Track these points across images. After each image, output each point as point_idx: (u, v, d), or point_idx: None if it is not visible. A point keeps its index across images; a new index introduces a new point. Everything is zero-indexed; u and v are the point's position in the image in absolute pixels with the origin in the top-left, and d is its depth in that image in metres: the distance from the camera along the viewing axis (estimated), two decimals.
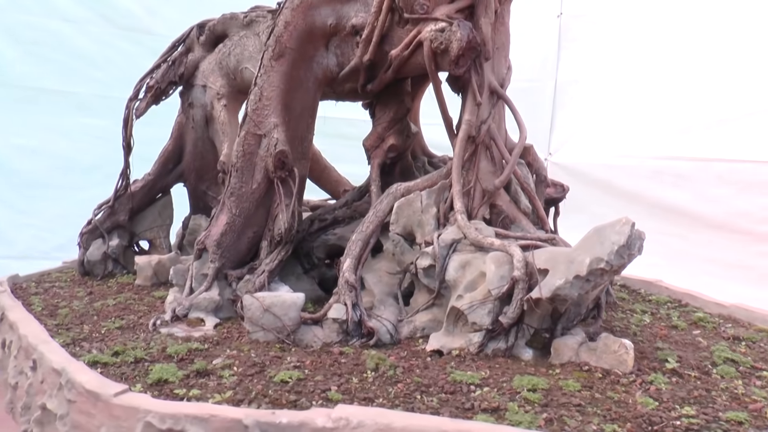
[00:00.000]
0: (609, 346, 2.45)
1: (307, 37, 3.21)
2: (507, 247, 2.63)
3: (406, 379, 2.36)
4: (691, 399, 2.20)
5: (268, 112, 3.24)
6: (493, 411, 2.09)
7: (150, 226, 4.48)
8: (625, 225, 2.38)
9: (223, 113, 4.14)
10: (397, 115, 3.37)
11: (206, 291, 3.24)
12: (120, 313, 3.34)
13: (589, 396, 2.21)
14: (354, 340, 2.79)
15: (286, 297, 2.85)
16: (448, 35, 2.84)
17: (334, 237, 3.52)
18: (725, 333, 2.92)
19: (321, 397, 2.22)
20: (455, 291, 2.78)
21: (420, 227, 3.01)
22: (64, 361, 2.40)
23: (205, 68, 4.25)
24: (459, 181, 2.96)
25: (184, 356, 2.64)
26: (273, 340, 2.82)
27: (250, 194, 3.30)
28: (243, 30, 4.08)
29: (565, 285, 2.41)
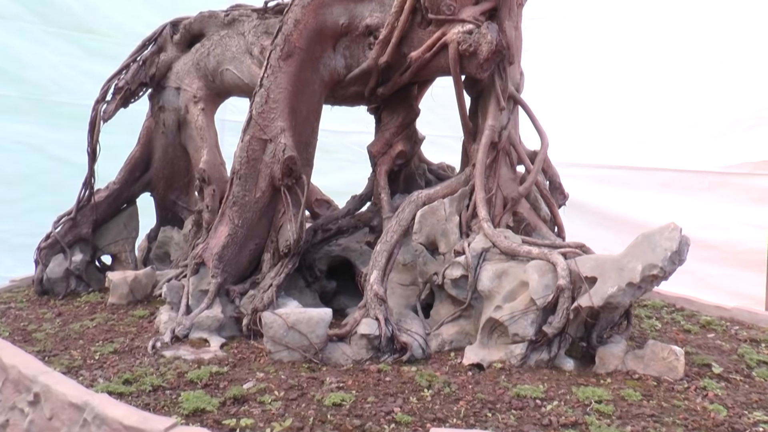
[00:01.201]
0: (657, 354, 2.43)
1: (316, 36, 3.04)
2: (548, 255, 2.57)
3: (466, 396, 2.24)
4: (753, 404, 2.21)
5: (274, 116, 3.04)
6: (573, 426, 2.01)
7: (115, 239, 4.12)
8: (674, 231, 2.38)
9: (200, 117, 3.88)
10: (405, 120, 3.26)
11: (207, 309, 2.99)
12: (107, 336, 3.03)
13: (657, 405, 2.17)
14: (386, 356, 2.64)
15: (312, 313, 2.66)
16: (477, 37, 2.76)
17: (339, 248, 3.36)
18: (739, 335, 2.98)
19: (386, 420, 2.07)
20: (491, 301, 2.69)
21: (444, 236, 2.90)
22: (83, 394, 2.12)
23: (179, 69, 3.98)
24: (482, 188, 2.89)
25: (208, 381, 2.42)
26: (299, 360, 2.63)
27: (254, 203, 3.09)
28: (223, 29, 3.84)
29: (618, 292, 2.38)
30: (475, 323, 2.80)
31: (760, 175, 5.83)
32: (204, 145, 3.83)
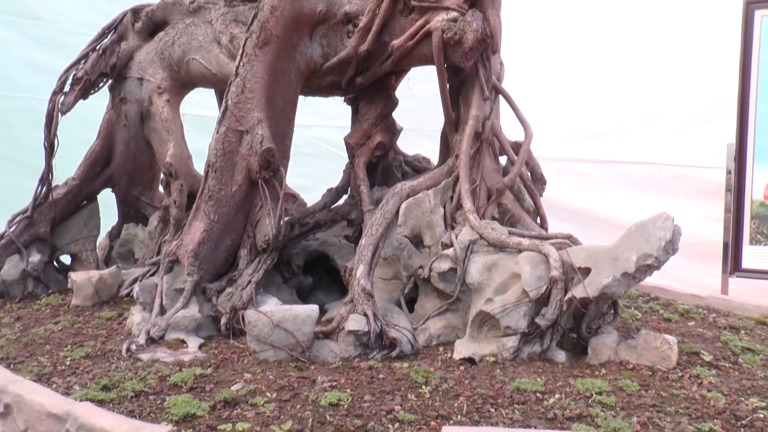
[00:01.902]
0: (650, 343, 2.43)
1: (293, 24, 2.94)
2: (539, 247, 2.54)
3: (464, 392, 2.19)
4: (747, 390, 2.23)
5: (251, 106, 2.92)
6: (579, 419, 1.98)
7: (75, 238, 3.92)
8: (667, 220, 2.38)
9: (165, 109, 3.72)
10: (384, 111, 3.18)
11: (183, 308, 2.86)
12: (75, 340, 2.86)
13: (656, 395, 2.17)
14: (375, 352, 2.57)
15: (298, 310, 2.56)
16: (462, 25, 2.70)
17: (317, 242, 3.26)
18: (718, 323, 3.03)
19: (389, 419, 2.00)
20: (480, 294, 2.65)
21: (429, 229, 2.84)
22: (63, 403, 1.98)
23: (141, 59, 3.80)
24: (467, 180, 2.84)
25: (193, 385, 2.30)
26: (285, 359, 2.53)
27: (230, 197, 2.96)
28: (189, 17, 3.68)
29: (613, 282, 2.36)
30: (462, 317, 2.76)
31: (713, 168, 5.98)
32: (170, 138, 3.67)
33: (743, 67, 4.64)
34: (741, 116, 4.71)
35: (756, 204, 4.69)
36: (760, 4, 4.70)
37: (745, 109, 4.70)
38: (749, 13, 4.67)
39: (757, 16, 4.69)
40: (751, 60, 4.66)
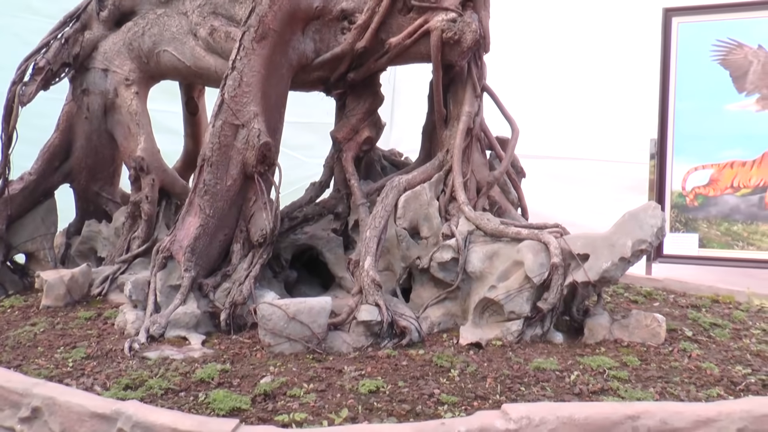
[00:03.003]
0: (641, 322, 2.67)
1: (289, 19, 2.95)
2: (539, 236, 2.71)
3: (490, 374, 2.32)
4: (732, 359, 2.50)
5: (247, 100, 2.91)
6: (603, 392, 2.17)
7: (32, 236, 3.72)
8: (656, 209, 2.62)
9: (134, 102, 3.61)
10: (372, 106, 3.26)
11: (182, 305, 2.82)
12: (65, 341, 2.76)
13: (658, 368, 2.39)
14: (386, 341, 2.65)
15: (312, 303, 2.60)
16: (461, 26, 2.83)
17: (305, 236, 3.29)
18: (680, 302, 3.33)
19: (434, 402, 2.10)
20: (482, 282, 2.79)
21: (427, 221, 2.96)
22: (108, 402, 1.94)
23: (107, 49, 3.66)
24: (460, 173, 2.97)
25: (220, 380, 2.29)
26: (301, 351, 2.57)
27: (225, 192, 2.95)
28: (160, 8, 3.59)
29: (611, 267, 2.57)
30: (461, 304, 2.89)
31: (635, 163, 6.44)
32: (140, 131, 3.57)
33: (663, 69, 5.04)
34: (662, 114, 5.11)
35: (675, 195, 5.11)
36: (677, 12, 5.12)
37: (665, 107, 5.10)
38: (667, 20, 5.07)
39: (675, 22, 5.11)
40: (669, 62, 5.07)
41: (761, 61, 4.93)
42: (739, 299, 3.30)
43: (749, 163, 4.95)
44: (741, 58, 4.93)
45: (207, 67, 3.43)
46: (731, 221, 4.97)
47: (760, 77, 4.91)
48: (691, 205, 5.07)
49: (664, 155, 5.15)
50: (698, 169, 5.06)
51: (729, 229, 5.02)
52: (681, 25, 5.12)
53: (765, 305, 3.16)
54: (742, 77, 4.96)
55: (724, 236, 5.01)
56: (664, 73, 5.07)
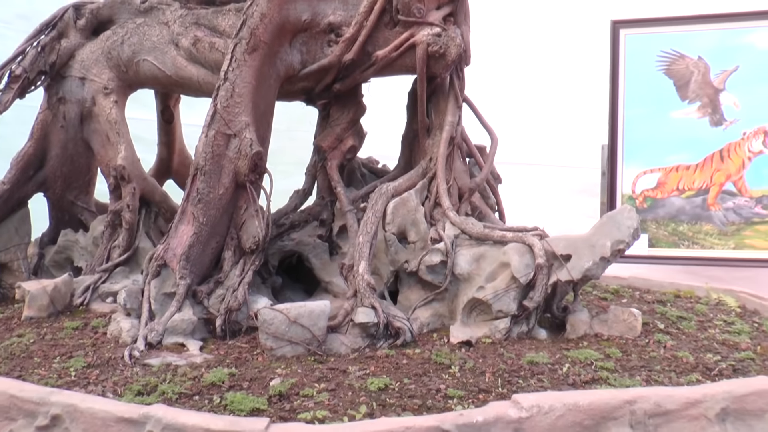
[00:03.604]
0: (619, 316, 2.87)
1: (278, 31, 3.04)
2: (523, 238, 2.88)
3: (488, 369, 2.46)
4: (702, 348, 2.72)
5: (239, 110, 2.98)
6: (595, 382, 2.34)
7: (5, 246, 3.67)
8: (632, 211, 2.83)
9: (113, 111, 3.62)
10: (355, 116, 3.37)
11: (178, 312, 2.86)
12: (60, 351, 2.76)
13: (638, 358, 2.59)
14: (381, 342, 2.77)
15: (312, 306, 2.69)
16: (446, 40, 2.98)
17: (292, 242, 3.37)
18: (646, 298, 3.57)
19: (442, 397, 2.22)
20: (470, 283, 2.94)
21: (414, 226, 3.08)
22: (134, 407, 1.98)
23: (84, 57, 3.65)
24: (444, 180, 3.12)
25: (231, 383, 2.36)
26: (302, 354, 2.65)
27: (218, 200, 3.00)
28: (139, 17, 3.61)
29: (593, 266, 2.76)
30: (449, 305, 3.03)
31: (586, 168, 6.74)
32: (120, 140, 3.58)
33: (612, 78, 5.31)
34: (612, 121, 5.39)
35: (625, 197, 5.40)
36: (624, 24, 5.41)
37: (615, 114, 5.38)
38: (615, 31, 5.36)
39: (622, 34, 5.40)
40: (618, 72, 5.35)
41: (701, 71, 5.26)
42: (699, 294, 3.56)
43: (693, 167, 5.26)
44: (683, 69, 5.25)
45: (189, 77, 3.47)
46: (677, 222, 5.27)
47: (701, 86, 5.24)
48: (641, 207, 5.35)
49: (615, 160, 5.41)
50: (646, 173, 5.35)
51: (675, 230, 5.33)
52: (628, 37, 5.40)
53: (722, 299, 3.42)
54: (685, 86, 5.29)
55: (671, 236, 5.31)
56: (613, 82, 5.34)
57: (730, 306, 3.32)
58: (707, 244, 5.29)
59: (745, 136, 5.13)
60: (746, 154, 5.16)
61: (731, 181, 5.19)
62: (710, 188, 5.23)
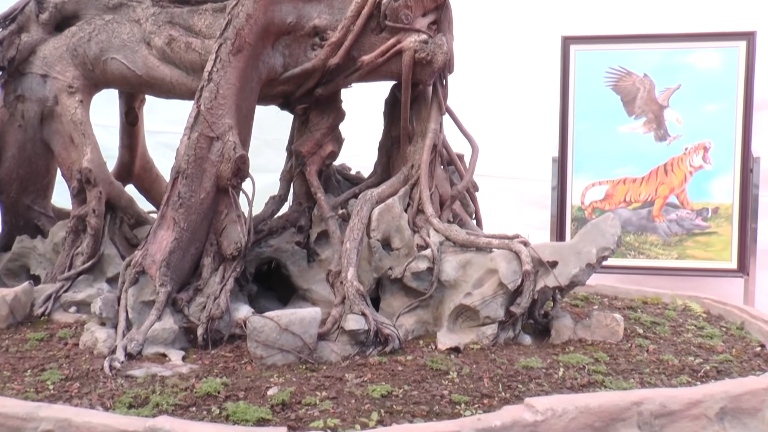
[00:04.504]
0: (601, 321, 2.94)
1: (263, 33, 2.98)
2: (510, 245, 2.91)
3: (484, 375, 2.47)
4: (682, 352, 2.81)
5: (222, 112, 2.90)
6: (592, 385, 2.38)
7: None
8: (615, 219, 2.91)
9: (79, 111, 3.46)
10: (335, 122, 3.33)
11: (158, 320, 2.74)
12: (31, 364, 2.60)
13: (626, 362, 2.66)
14: (371, 349, 2.73)
15: (303, 314, 2.63)
16: (433, 47, 2.99)
17: (270, 249, 3.29)
18: (615, 305, 3.66)
19: (447, 402, 2.21)
20: (456, 290, 2.94)
21: (398, 233, 3.07)
22: (136, 420, 1.88)
23: (47, 54, 3.48)
24: (428, 187, 3.12)
25: (227, 393, 2.28)
26: (293, 362, 2.59)
27: (199, 205, 2.91)
28: (108, 14, 3.47)
29: (579, 272, 2.82)
30: (433, 312, 3.02)
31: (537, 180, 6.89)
32: (86, 142, 3.42)
33: (563, 92, 5.46)
34: (562, 134, 5.54)
35: (575, 208, 5.55)
36: (574, 41, 5.58)
37: (565, 128, 5.53)
38: (566, 47, 5.52)
39: (572, 50, 5.56)
40: (568, 86, 5.51)
41: (647, 88, 5.47)
42: (665, 300, 3.69)
43: (639, 180, 5.46)
44: (630, 85, 5.45)
45: (161, 78, 3.36)
46: (624, 232, 5.44)
47: (646, 102, 5.45)
48: (590, 218, 5.50)
49: (565, 172, 5.56)
50: (595, 185, 5.51)
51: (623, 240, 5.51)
52: (578, 53, 5.56)
53: (688, 305, 3.56)
54: (632, 102, 5.49)
55: None
56: (564, 97, 5.48)
57: (696, 312, 3.46)
58: (652, 254, 5.48)
59: (687, 152, 5.36)
60: (688, 169, 5.39)
61: (674, 194, 5.41)
62: (655, 200, 5.44)
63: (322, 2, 3.08)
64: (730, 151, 5.27)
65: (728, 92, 5.26)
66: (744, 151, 5.20)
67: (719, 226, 5.32)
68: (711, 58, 5.37)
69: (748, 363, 2.68)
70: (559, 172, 5.52)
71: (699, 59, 5.40)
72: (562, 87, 5.49)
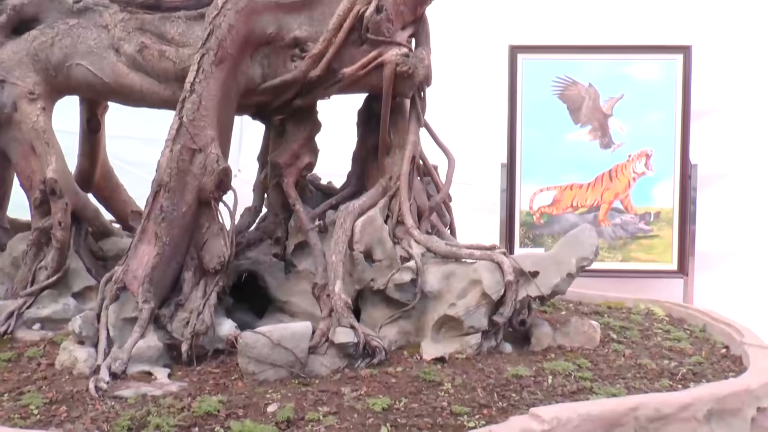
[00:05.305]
0: (579, 328, 3.05)
1: (243, 43, 2.94)
2: (491, 256, 2.98)
3: (477, 385, 2.52)
4: (657, 356, 2.95)
5: (204, 124, 2.85)
6: (581, 392, 2.48)
7: None
8: (591, 230, 3.03)
9: (41, 118, 3.31)
10: (312, 133, 3.32)
11: (141, 338, 2.67)
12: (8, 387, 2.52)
13: (607, 367, 2.77)
14: (359, 361, 2.75)
15: (294, 328, 2.62)
16: (414, 61, 3.03)
17: (248, 261, 3.25)
18: (583, 310, 3.78)
19: (449, 414, 2.25)
20: (439, 301, 2.99)
21: (380, 244, 3.09)
22: None
23: (5, 58, 3.32)
24: (407, 199, 3.16)
25: (226, 412, 2.25)
26: (285, 377, 2.57)
27: (181, 218, 2.85)
28: (72, 18, 3.34)
29: (560, 282, 2.92)
30: (415, 323, 3.06)
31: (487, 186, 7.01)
32: (50, 151, 3.28)
33: (510, 100, 5.59)
34: (510, 141, 5.69)
35: (523, 214, 5.71)
36: (521, 50, 5.72)
37: (514, 134, 5.67)
38: (513, 56, 5.66)
39: (520, 58, 5.70)
40: (516, 94, 5.65)
41: (591, 97, 5.69)
42: (628, 305, 3.85)
43: (585, 186, 5.67)
44: (575, 94, 5.65)
45: (130, 85, 3.26)
46: None
47: (591, 111, 5.66)
48: (538, 223, 5.68)
49: (513, 178, 5.70)
50: (543, 191, 5.68)
51: None
52: (525, 61, 5.71)
53: (651, 309, 3.73)
54: (577, 110, 5.69)
55: None
56: (512, 104, 5.61)
57: (659, 315, 3.63)
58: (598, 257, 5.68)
59: (630, 159, 5.60)
60: (631, 175, 5.63)
61: (619, 200, 5.64)
62: (601, 206, 5.65)
63: (303, 14, 3.07)
64: (670, 158, 5.54)
65: (667, 102, 5.53)
66: (683, 158, 5.48)
67: (661, 229, 5.58)
68: (651, 69, 5.62)
69: (718, 364, 2.84)
70: (508, 178, 5.64)
71: (639, 70, 5.64)
72: (510, 95, 5.61)
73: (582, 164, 5.62)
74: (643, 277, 5.60)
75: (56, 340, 2.99)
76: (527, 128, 5.64)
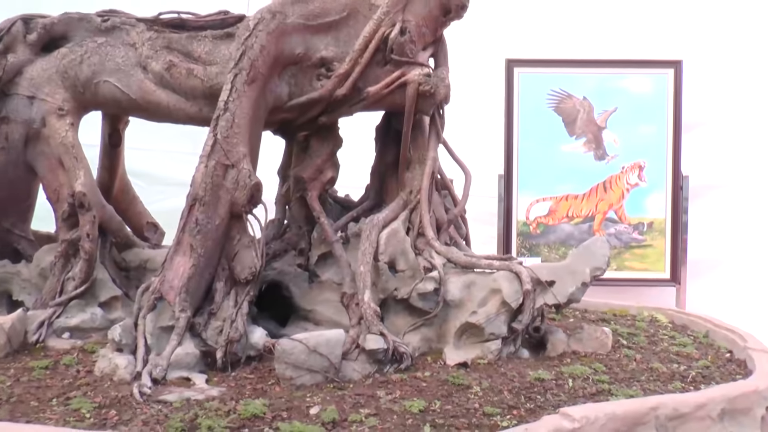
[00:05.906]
0: (592, 334, 3.20)
1: (274, 63, 3.07)
2: (510, 266, 3.13)
3: (503, 387, 2.66)
4: (666, 360, 3.11)
5: (237, 141, 2.97)
6: (600, 394, 2.63)
7: None
8: (604, 241, 3.20)
9: (70, 133, 3.41)
10: (334, 149, 3.45)
11: (179, 345, 2.78)
12: (54, 393, 2.58)
13: (621, 371, 2.92)
14: (388, 366, 2.88)
15: (329, 335, 2.75)
16: (435, 80, 3.18)
17: (274, 272, 3.37)
18: (589, 317, 3.95)
19: (482, 414, 2.38)
20: (461, 309, 3.13)
21: (403, 255, 3.22)
22: None
23: (35, 75, 3.41)
24: (428, 212, 3.30)
25: (272, 415, 2.37)
26: (321, 382, 2.70)
27: (214, 231, 2.96)
28: (100, 36, 3.45)
29: (576, 291, 3.08)
30: (437, 330, 3.19)
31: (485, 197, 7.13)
32: (78, 165, 3.37)
33: (507, 113, 5.76)
34: (507, 152, 5.86)
35: (520, 224, 5.88)
36: (518, 63, 5.90)
37: (510, 146, 5.84)
38: (510, 69, 5.83)
39: (516, 72, 5.88)
40: (513, 107, 5.82)
41: (586, 110, 5.88)
42: (632, 312, 4.03)
43: (580, 196, 5.85)
44: (570, 107, 5.84)
45: (157, 102, 3.37)
46: (567, 246, 5.80)
47: (586, 124, 5.85)
48: (534, 233, 5.85)
49: (510, 189, 5.86)
50: (539, 201, 5.85)
51: (566, 253, 5.86)
52: (521, 75, 5.89)
53: (655, 316, 3.90)
54: (572, 123, 5.88)
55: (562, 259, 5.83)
56: (508, 117, 5.78)
57: (662, 322, 3.80)
58: None
59: (623, 170, 5.80)
60: (625, 186, 5.83)
61: (613, 210, 5.83)
62: (595, 216, 5.84)
63: (329, 35, 3.20)
64: (662, 170, 5.74)
65: (659, 115, 5.74)
66: (675, 169, 5.69)
67: (654, 239, 5.77)
68: (643, 83, 5.83)
69: (725, 368, 3.01)
70: (504, 188, 5.80)
71: (632, 84, 5.85)
72: (507, 107, 5.78)
73: (577, 175, 5.81)
74: (637, 286, 5.78)
75: (87, 348, 3.09)
76: (524, 140, 5.81)
